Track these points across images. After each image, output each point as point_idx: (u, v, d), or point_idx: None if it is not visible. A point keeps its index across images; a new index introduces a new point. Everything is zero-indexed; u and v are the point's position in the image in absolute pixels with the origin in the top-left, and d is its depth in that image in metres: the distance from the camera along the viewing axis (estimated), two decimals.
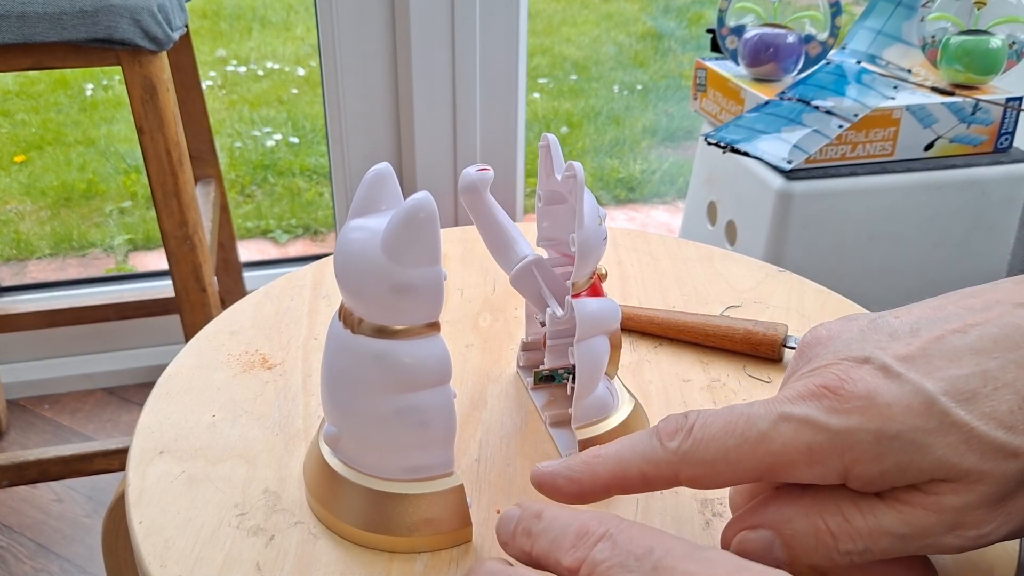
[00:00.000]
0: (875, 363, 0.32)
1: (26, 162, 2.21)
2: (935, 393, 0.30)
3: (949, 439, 0.30)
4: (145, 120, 0.82)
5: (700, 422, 0.33)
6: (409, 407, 0.36)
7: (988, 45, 1.04)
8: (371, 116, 1.31)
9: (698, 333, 0.52)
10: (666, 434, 0.33)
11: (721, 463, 0.32)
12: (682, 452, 0.33)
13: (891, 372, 0.31)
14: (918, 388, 0.31)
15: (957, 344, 0.32)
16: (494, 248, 0.45)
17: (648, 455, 0.33)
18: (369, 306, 0.35)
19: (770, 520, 0.33)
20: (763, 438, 0.31)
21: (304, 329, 0.53)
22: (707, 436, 0.32)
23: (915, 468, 0.30)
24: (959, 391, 0.30)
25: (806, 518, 0.32)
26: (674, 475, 0.33)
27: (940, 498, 0.30)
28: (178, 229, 0.87)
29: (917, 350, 0.32)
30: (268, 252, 1.98)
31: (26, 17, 0.75)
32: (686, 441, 0.33)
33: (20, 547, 1.15)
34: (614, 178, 2.32)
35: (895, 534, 0.31)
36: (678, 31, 3.11)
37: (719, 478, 0.32)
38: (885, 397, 0.31)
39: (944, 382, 0.31)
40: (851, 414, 0.31)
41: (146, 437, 0.44)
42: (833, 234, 1.03)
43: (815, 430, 0.31)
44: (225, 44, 2.78)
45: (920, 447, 0.30)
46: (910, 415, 0.30)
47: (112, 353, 1.44)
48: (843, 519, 0.32)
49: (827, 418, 0.31)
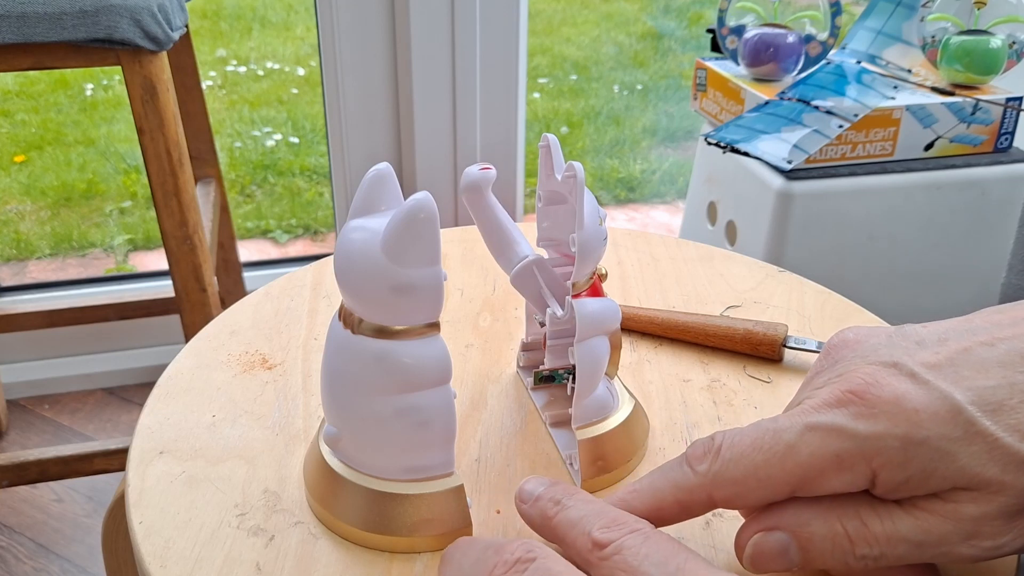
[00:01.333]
0: (903, 369, 0.32)
1: (26, 162, 2.21)
2: (962, 402, 0.30)
3: (973, 448, 0.30)
4: (145, 120, 0.82)
5: (727, 442, 0.33)
6: (409, 407, 0.36)
7: (988, 45, 1.04)
8: (371, 116, 1.31)
9: (698, 333, 0.52)
10: (695, 458, 0.33)
11: (752, 480, 0.32)
12: (712, 474, 0.33)
13: (919, 378, 0.31)
14: (945, 396, 0.31)
15: (985, 356, 0.32)
16: (495, 248, 0.44)
17: (680, 482, 0.33)
18: (369, 306, 0.35)
19: (786, 522, 0.33)
20: (791, 450, 0.31)
21: (304, 329, 0.53)
22: (735, 455, 0.32)
23: (938, 476, 0.30)
24: (986, 401, 0.31)
25: (824, 521, 0.32)
26: (708, 498, 0.33)
27: (958, 506, 0.31)
28: (178, 229, 0.87)
29: (945, 359, 0.32)
30: (268, 252, 1.98)
31: (26, 17, 0.75)
32: (715, 463, 0.33)
33: (20, 547, 1.15)
34: (614, 178, 2.32)
35: (911, 540, 0.31)
36: (678, 31, 3.11)
37: (751, 495, 0.32)
38: (913, 403, 0.31)
39: (971, 391, 0.31)
40: (878, 419, 0.31)
41: (146, 437, 0.44)
42: (833, 234, 1.03)
43: (843, 437, 0.31)
44: (225, 44, 2.78)
45: (945, 455, 0.30)
46: (936, 422, 0.30)
47: (112, 353, 1.44)
48: (861, 523, 0.32)
49: (854, 424, 0.31)
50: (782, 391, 0.48)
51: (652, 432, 0.45)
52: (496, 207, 0.44)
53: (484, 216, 0.44)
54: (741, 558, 0.34)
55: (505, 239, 0.44)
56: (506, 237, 0.44)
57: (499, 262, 0.45)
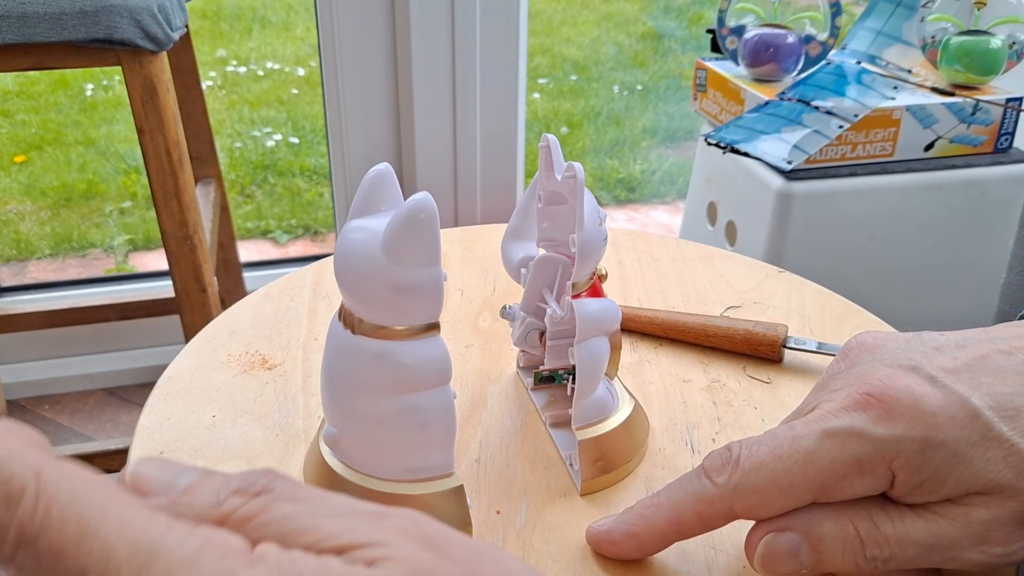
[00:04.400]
0: (921, 372, 0.32)
1: (26, 162, 2.21)
2: (980, 407, 0.31)
3: (989, 454, 0.30)
4: (145, 120, 0.82)
5: (745, 452, 0.33)
6: (409, 408, 0.36)
7: (988, 45, 1.04)
8: (371, 116, 1.31)
9: (698, 334, 0.52)
10: (713, 470, 0.33)
11: (773, 489, 0.32)
12: (732, 485, 0.32)
13: (937, 382, 0.31)
14: (963, 400, 0.31)
15: (1002, 364, 0.32)
16: (526, 229, 0.45)
17: (700, 495, 0.33)
18: (369, 306, 0.35)
19: (798, 523, 0.33)
20: (811, 457, 0.31)
21: (304, 329, 0.53)
22: (755, 464, 0.32)
23: (952, 481, 0.31)
24: (1003, 407, 0.31)
25: (835, 522, 0.32)
26: (729, 509, 0.33)
27: (969, 510, 0.31)
28: (178, 229, 0.87)
29: (963, 364, 0.32)
30: (268, 252, 1.98)
31: (26, 17, 0.75)
32: (735, 473, 0.32)
33: None
34: (614, 178, 2.32)
35: (921, 543, 0.31)
36: (678, 31, 3.11)
37: (772, 504, 0.32)
38: (931, 406, 0.31)
39: (989, 397, 0.31)
40: (897, 422, 0.31)
41: (146, 437, 0.44)
42: (833, 234, 1.03)
43: (862, 441, 0.31)
44: (225, 44, 2.78)
45: (961, 459, 0.30)
46: (954, 426, 0.30)
47: (112, 353, 1.44)
48: (872, 524, 0.32)
49: (873, 427, 0.31)
50: (782, 391, 0.48)
51: (652, 432, 0.45)
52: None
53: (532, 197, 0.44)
54: (751, 559, 0.34)
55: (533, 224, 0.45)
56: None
57: (514, 244, 0.45)
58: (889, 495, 0.32)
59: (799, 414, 0.35)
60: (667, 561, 0.37)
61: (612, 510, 0.39)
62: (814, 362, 0.51)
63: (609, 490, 0.41)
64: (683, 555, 0.37)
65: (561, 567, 0.37)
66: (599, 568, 0.37)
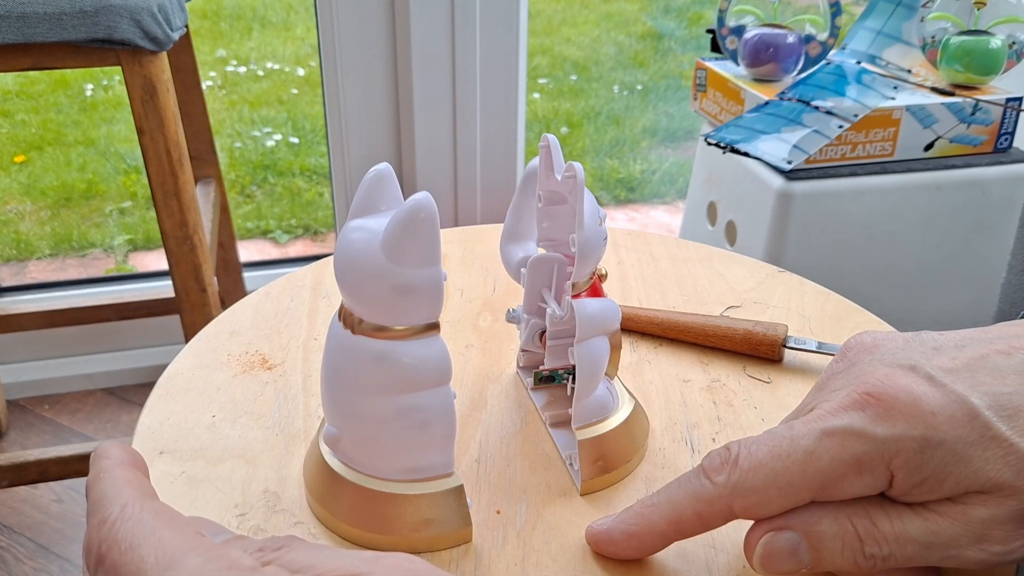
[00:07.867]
0: (920, 372, 0.32)
1: (26, 162, 2.21)
2: (979, 406, 0.31)
3: (988, 453, 0.30)
4: (145, 120, 0.82)
5: (744, 451, 0.33)
6: (409, 407, 0.36)
7: (988, 45, 1.04)
8: (371, 116, 1.31)
9: (698, 333, 0.52)
10: (712, 470, 0.33)
11: (772, 488, 0.32)
12: (731, 484, 0.32)
13: (936, 381, 0.31)
14: (962, 399, 0.31)
15: (1002, 364, 0.32)
16: (522, 228, 0.45)
17: (699, 494, 0.33)
18: (369, 306, 0.35)
19: (797, 522, 0.33)
20: (810, 456, 0.31)
21: (304, 329, 0.53)
22: (754, 464, 0.32)
23: (951, 480, 0.31)
24: (1002, 407, 0.31)
25: (834, 520, 0.32)
26: (728, 508, 0.33)
27: (968, 508, 0.31)
28: (178, 229, 0.87)
29: (962, 364, 0.32)
30: (268, 252, 1.98)
31: (26, 17, 0.75)
32: (734, 473, 0.33)
33: (20, 547, 1.15)
34: (614, 178, 2.32)
35: (920, 541, 0.31)
36: (678, 31, 3.11)
37: (772, 504, 0.32)
38: (931, 405, 0.31)
39: (988, 396, 0.31)
40: (896, 421, 0.31)
41: (146, 437, 0.44)
42: (833, 234, 1.03)
43: (861, 440, 0.31)
44: (225, 44, 2.78)
45: (960, 458, 0.30)
46: (953, 425, 0.30)
47: (112, 353, 1.44)
48: (871, 522, 0.32)
49: (872, 427, 0.31)
50: (782, 391, 0.48)
51: (652, 432, 0.45)
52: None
53: (524, 196, 0.44)
54: (750, 558, 0.34)
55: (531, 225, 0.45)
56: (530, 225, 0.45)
57: (512, 246, 0.45)
58: (888, 494, 0.32)
59: (799, 414, 0.35)
60: (667, 561, 0.37)
61: (612, 510, 0.39)
62: (814, 362, 0.51)
63: (609, 490, 0.41)
64: (683, 555, 0.37)
65: (561, 567, 0.37)
66: (599, 568, 0.37)
